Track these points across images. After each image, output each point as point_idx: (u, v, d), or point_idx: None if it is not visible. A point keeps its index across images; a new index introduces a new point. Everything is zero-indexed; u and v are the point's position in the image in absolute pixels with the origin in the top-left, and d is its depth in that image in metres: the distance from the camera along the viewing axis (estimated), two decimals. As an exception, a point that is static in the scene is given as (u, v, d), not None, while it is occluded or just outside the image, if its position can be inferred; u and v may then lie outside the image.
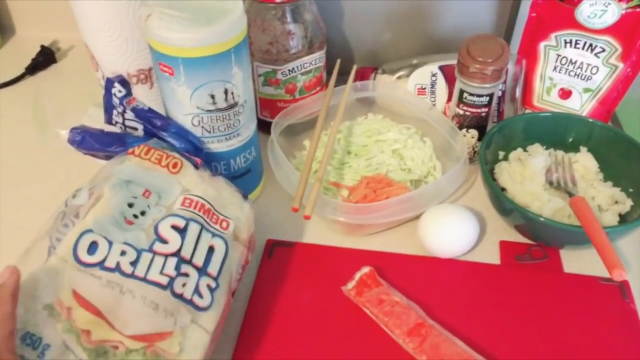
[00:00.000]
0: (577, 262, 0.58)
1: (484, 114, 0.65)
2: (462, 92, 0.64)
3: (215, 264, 0.46)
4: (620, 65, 0.65)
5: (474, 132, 0.66)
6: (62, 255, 0.41)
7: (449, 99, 0.71)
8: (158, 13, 0.50)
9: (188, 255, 0.44)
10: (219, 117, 0.54)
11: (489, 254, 0.59)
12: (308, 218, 0.52)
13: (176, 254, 0.44)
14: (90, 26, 0.60)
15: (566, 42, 0.67)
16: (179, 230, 0.45)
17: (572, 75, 0.68)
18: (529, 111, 0.72)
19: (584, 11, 0.64)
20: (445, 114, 0.70)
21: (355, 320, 0.52)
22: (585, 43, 0.66)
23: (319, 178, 0.56)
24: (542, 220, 0.54)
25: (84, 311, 0.40)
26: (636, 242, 0.60)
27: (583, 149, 0.65)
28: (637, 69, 0.65)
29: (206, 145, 0.56)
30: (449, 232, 0.57)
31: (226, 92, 0.53)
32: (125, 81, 0.56)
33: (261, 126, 0.65)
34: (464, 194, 0.66)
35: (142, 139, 0.53)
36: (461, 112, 0.65)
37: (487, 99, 0.63)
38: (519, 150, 0.66)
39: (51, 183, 0.64)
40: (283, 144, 0.64)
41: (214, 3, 0.52)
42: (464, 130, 0.66)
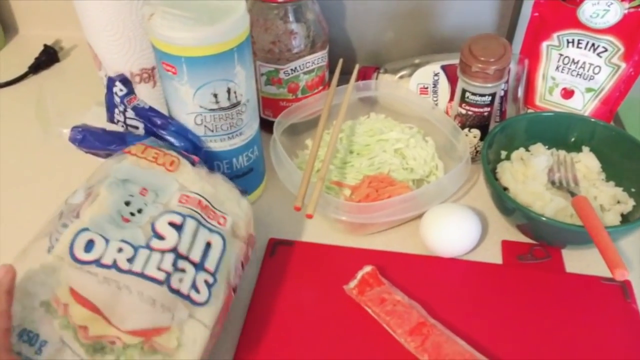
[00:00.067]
0: (579, 262, 0.58)
1: (486, 114, 0.65)
2: (464, 91, 0.64)
3: (212, 259, 0.46)
4: (623, 65, 0.65)
5: (476, 132, 0.66)
6: (58, 253, 0.42)
7: (451, 99, 0.71)
8: (161, 12, 0.50)
9: (185, 251, 0.44)
10: (221, 116, 0.54)
11: (490, 254, 0.59)
12: (310, 217, 0.53)
13: (173, 250, 0.44)
14: (93, 25, 0.60)
15: (568, 42, 0.67)
16: (176, 226, 0.45)
17: (574, 75, 0.68)
18: (531, 111, 0.72)
19: (587, 11, 0.64)
20: (448, 114, 0.70)
21: (357, 319, 0.52)
22: (588, 43, 0.66)
23: (321, 177, 0.56)
24: (544, 220, 0.54)
25: (80, 307, 0.40)
26: (638, 242, 0.60)
27: (585, 148, 0.65)
28: (639, 68, 0.65)
29: (208, 144, 0.56)
30: (451, 231, 0.57)
31: (229, 91, 0.53)
32: (127, 80, 0.56)
33: (264, 125, 0.65)
34: (466, 194, 0.66)
35: (143, 137, 0.53)
36: (463, 111, 0.65)
37: (490, 98, 0.63)
38: (521, 149, 0.66)
39: (53, 182, 0.64)
40: (285, 143, 0.65)
41: (216, 2, 0.52)
42: (466, 130, 0.66)
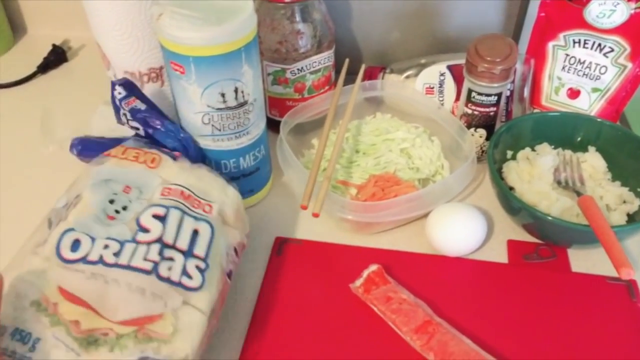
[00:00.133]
0: (585, 261, 0.58)
1: (492, 114, 0.65)
2: (470, 91, 0.64)
3: (201, 246, 0.46)
4: (629, 65, 0.65)
5: (482, 132, 0.67)
6: (46, 254, 0.43)
7: (457, 99, 0.71)
8: (169, 12, 0.50)
9: (171, 240, 0.45)
10: (229, 116, 0.55)
11: (496, 253, 0.59)
12: (317, 216, 0.53)
13: (158, 240, 0.45)
14: (102, 25, 0.60)
15: (575, 42, 0.67)
16: (160, 218, 0.46)
17: (580, 75, 0.68)
18: (537, 111, 0.72)
19: (593, 11, 0.64)
20: (454, 114, 0.70)
21: (363, 318, 0.52)
22: (594, 43, 0.66)
23: (327, 176, 0.56)
24: (550, 219, 0.54)
25: (70, 304, 0.41)
26: (644, 241, 0.60)
27: (591, 148, 0.65)
28: (646, 68, 0.65)
29: (215, 143, 0.57)
30: (457, 230, 0.57)
31: (236, 90, 0.53)
32: (129, 83, 0.56)
33: (270, 125, 0.65)
34: (471, 193, 0.66)
35: (137, 139, 0.54)
36: (469, 111, 0.65)
37: (496, 98, 0.63)
38: (527, 149, 0.66)
39: (59, 181, 0.64)
40: (292, 142, 0.65)
41: (224, 2, 0.52)
42: (472, 130, 0.66)
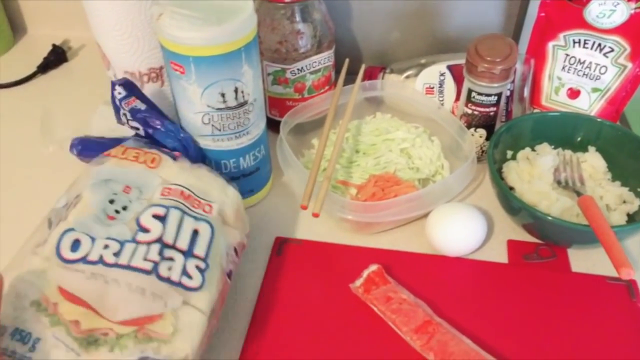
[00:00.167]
0: (585, 261, 0.58)
1: (492, 114, 0.65)
2: (470, 91, 0.64)
3: (201, 246, 0.46)
4: (629, 65, 0.65)
5: (482, 132, 0.67)
6: (46, 254, 0.43)
7: (457, 99, 0.71)
8: (169, 12, 0.50)
9: (171, 241, 0.45)
10: (229, 116, 0.55)
11: (496, 253, 0.59)
12: (316, 216, 0.53)
13: (158, 240, 0.45)
14: (102, 25, 0.60)
15: (575, 42, 0.67)
16: (160, 218, 0.46)
17: (580, 75, 0.68)
18: (537, 111, 0.72)
19: (593, 11, 0.64)
20: (454, 113, 0.70)
21: (363, 318, 0.52)
22: (594, 43, 0.66)
23: (327, 176, 0.56)
24: (550, 219, 0.54)
25: (70, 304, 0.41)
26: (644, 241, 0.60)
27: (591, 148, 0.65)
28: (646, 68, 0.65)
29: (215, 143, 0.57)
30: (457, 230, 0.57)
31: (236, 90, 0.53)
32: (129, 83, 0.56)
33: (270, 125, 0.65)
34: (471, 193, 0.66)
35: (137, 139, 0.54)
36: (469, 111, 0.65)
37: (496, 98, 0.63)
38: (527, 149, 0.66)
39: (60, 181, 0.64)
40: (292, 142, 0.65)
41: (224, 2, 0.52)
42: (472, 130, 0.66)
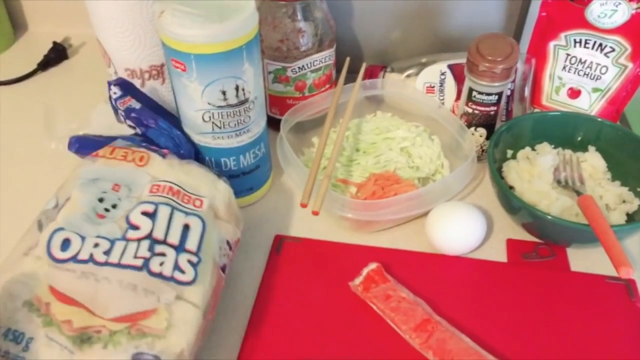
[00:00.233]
0: (584, 260, 0.58)
1: (492, 113, 0.65)
2: (471, 90, 0.64)
3: (192, 240, 0.46)
4: (630, 65, 0.65)
5: (482, 131, 0.67)
6: (37, 254, 0.43)
7: (457, 98, 0.71)
8: (171, 10, 0.50)
9: (161, 236, 0.45)
10: (229, 113, 0.55)
11: (496, 252, 0.59)
12: (316, 214, 0.53)
13: (148, 236, 0.45)
14: (104, 22, 0.60)
15: (576, 42, 0.67)
16: (149, 214, 0.46)
17: (581, 75, 0.68)
18: (537, 110, 0.72)
19: (594, 11, 0.65)
20: (454, 113, 0.70)
21: (362, 316, 0.53)
22: (595, 43, 0.66)
23: (327, 175, 0.56)
24: (550, 218, 0.54)
25: (62, 304, 0.41)
26: (644, 241, 0.60)
27: (591, 148, 0.65)
28: (646, 69, 0.65)
29: (215, 141, 0.57)
30: (457, 229, 0.57)
31: (237, 88, 0.53)
32: (124, 82, 0.56)
33: (270, 123, 0.65)
34: (471, 192, 0.66)
35: (132, 138, 0.54)
36: (470, 110, 0.65)
37: (496, 97, 0.63)
38: (527, 149, 0.66)
39: (56, 178, 0.64)
40: (292, 140, 0.65)
41: (226, 0, 0.52)
42: (472, 129, 0.66)
